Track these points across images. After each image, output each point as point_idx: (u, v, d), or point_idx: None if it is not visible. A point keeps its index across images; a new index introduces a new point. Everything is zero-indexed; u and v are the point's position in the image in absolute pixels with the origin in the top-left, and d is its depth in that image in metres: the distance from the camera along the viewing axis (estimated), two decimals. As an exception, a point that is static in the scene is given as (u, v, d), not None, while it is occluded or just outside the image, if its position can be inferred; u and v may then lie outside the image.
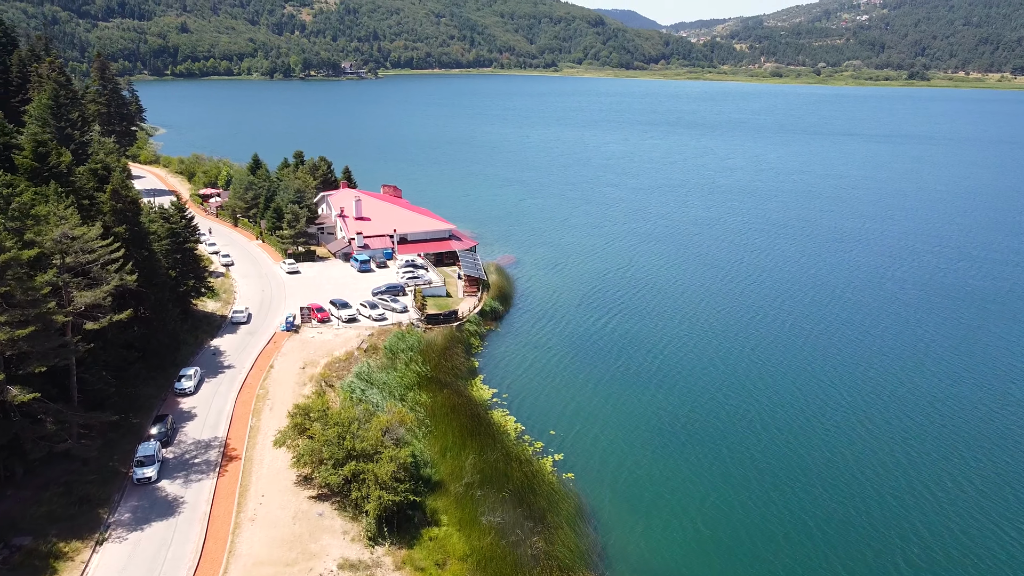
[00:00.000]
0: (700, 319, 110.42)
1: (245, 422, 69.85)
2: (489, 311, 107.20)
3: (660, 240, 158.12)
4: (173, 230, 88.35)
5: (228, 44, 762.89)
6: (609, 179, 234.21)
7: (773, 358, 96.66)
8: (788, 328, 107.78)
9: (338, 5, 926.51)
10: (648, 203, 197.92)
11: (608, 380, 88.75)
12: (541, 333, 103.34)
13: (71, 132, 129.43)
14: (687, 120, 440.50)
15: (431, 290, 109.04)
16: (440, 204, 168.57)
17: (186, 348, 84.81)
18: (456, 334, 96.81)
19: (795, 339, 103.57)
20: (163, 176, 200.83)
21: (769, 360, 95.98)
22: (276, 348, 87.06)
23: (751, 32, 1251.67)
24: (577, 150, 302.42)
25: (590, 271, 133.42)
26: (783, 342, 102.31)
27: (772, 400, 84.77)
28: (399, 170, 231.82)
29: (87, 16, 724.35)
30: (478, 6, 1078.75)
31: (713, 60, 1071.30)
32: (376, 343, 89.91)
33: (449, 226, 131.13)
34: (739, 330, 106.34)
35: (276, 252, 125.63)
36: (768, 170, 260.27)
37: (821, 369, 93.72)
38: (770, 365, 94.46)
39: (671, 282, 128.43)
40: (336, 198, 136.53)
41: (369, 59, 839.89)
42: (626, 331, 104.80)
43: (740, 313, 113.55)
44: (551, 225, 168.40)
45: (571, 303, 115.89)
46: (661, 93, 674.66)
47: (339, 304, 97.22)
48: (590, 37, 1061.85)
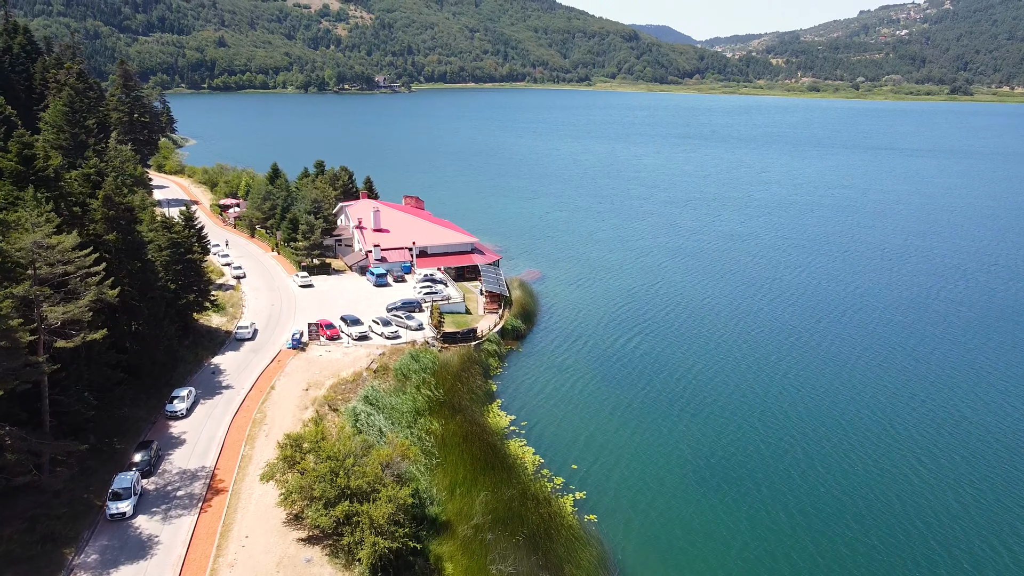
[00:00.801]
0: (735, 342, 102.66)
1: (237, 450, 63.94)
2: (510, 330, 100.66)
3: (692, 255, 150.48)
4: (174, 240, 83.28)
5: (264, 58, 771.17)
6: (639, 192, 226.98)
7: (817, 387, 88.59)
8: (832, 354, 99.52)
9: (373, 20, 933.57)
10: (680, 217, 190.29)
11: (636, 409, 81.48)
12: (565, 354, 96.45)
13: (85, 139, 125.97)
14: (721, 133, 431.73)
15: (449, 306, 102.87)
16: (463, 216, 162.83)
17: (184, 366, 79.45)
18: (474, 354, 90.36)
19: (840, 366, 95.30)
20: (186, 186, 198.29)
21: (813, 389, 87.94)
22: (280, 367, 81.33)
23: (787, 47, 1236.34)
24: (607, 163, 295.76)
25: (618, 288, 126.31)
26: (827, 369, 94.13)
27: (817, 435, 76.82)
28: (423, 181, 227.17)
29: (128, 31, 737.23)
30: (512, 21, 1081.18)
31: (749, 75, 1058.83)
32: (387, 363, 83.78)
33: (471, 239, 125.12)
34: (778, 355, 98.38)
35: (291, 264, 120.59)
36: (806, 184, 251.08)
37: (871, 401, 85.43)
38: (814, 395, 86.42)
39: (704, 301, 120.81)
40: (354, 209, 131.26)
41: (403, 73, 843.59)
42: (656, 354, 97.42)
43: (778, 336, 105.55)
44: (578, 239, 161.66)
45: (598, 322, 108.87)
46: (695, 107, 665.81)
47: (350, 320, 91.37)
48: (624, 52, 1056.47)
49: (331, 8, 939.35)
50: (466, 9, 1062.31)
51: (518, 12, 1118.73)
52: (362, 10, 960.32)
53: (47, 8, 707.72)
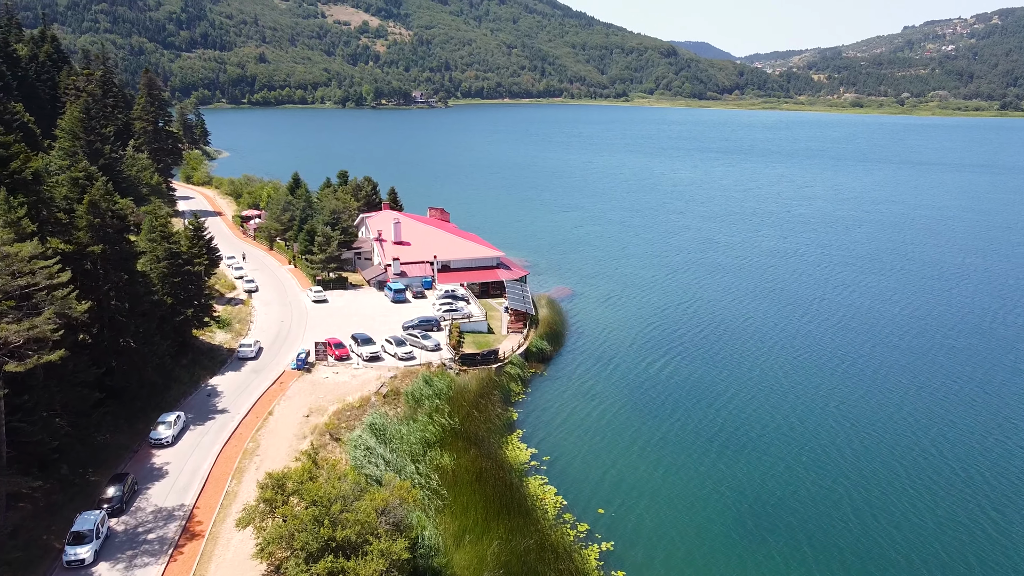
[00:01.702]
0: (779, 368, 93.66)
1: (222, 485, 57.18)
2: (535, 351, 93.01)
3: (731, 272, 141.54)
4: (173, 250, 77.43)
5: (303, 74, 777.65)
6: (675, 206, 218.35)
7: (874, 422, 79.32)
8: (889, 384, 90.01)
9: (412, 37, 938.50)
10: (717, 232, 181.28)
11: (672, 444, 73.13)
12: (594, 380, 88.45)
13: (101, 146, 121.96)
14: (761, 148, 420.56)
15: (470, 325, 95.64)
16: (491, 229, 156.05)
17: (178, 387, 73.22)
18: (494, 378, 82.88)
19: (900, 399, 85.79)
20: (212, 197, 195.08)
21: (869, 424, 78.70)
22: (281, 390, 74.71)
23: (829, 63, 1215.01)
24: (643, 176, 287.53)
25: (653, 306, 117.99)
26: (884, 401, 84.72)
27: (877, 477, 67.72)
28: (452, 193, 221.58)
29: (171, 47, 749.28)
30: (550, 37, 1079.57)
31: (790, 90, 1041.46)
32: (399, 387, 76.70)
33: (497, 253, 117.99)
34: (827, 384, 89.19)
35: (307, 278, 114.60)
36: (851, 199, 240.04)
37: (938, 440, 75.90)
38: (871, 431, 77.19)
39: (744, 322, 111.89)
40: (375, 220, 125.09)
41: (440, 88, 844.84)
42: (694, 381, 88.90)
43: (827, 362, 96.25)
44: (611, 254, 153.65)
45: (631, 344, 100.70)
46: (734, 122, 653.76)
47: (361, 339, 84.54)
48: (662, 67, 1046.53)
49: (370, 25, 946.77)
50: (504, 26, 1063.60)
51: (556, 28, 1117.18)
52: (401, 27, 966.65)
53: (95, 25, 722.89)
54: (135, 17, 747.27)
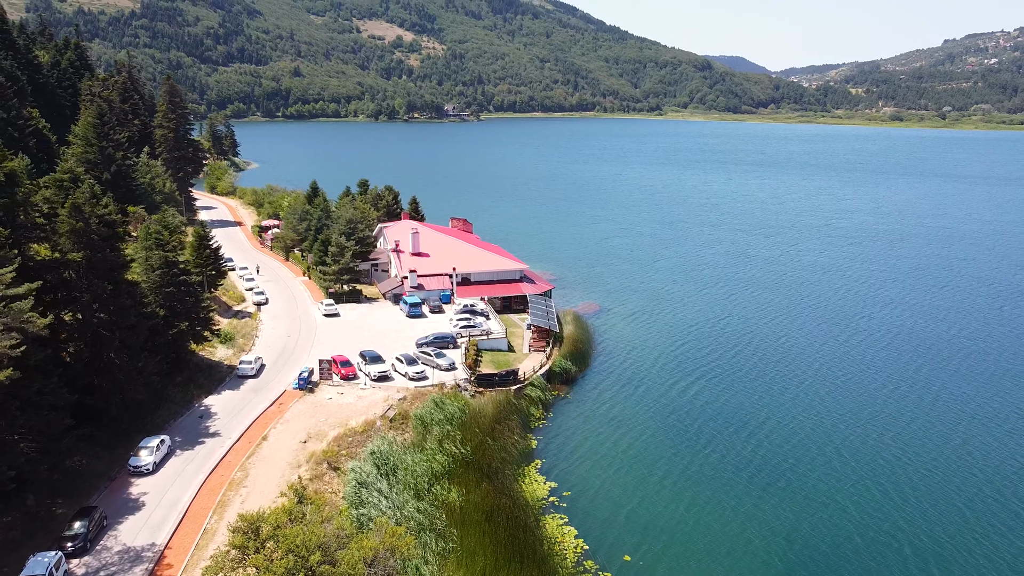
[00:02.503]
0: (827, 394, 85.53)
1: (200, 521, 51.17)
2: (559, 372, 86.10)
3: (767, 288, 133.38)
4: (168, 259, 72.15)
5: (337, 87, 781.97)
6: (708, 219, 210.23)
7: (929, 456, 70.97)
8: (952, 414, 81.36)
9: (445, 51, 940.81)
10: (753, 245, 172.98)
11: (708, 480, 65.61)
12: (622, 405, 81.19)
13: (113, 153, 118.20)
14: (798, 160, 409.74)
15: (489, 342, 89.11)
16: (515, 241, 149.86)
17: (168, 408, 67.65)
18: (512, 401, 76.14)
19: (965, 431, 77.16)
20: (234, 207, 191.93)
21: (923, 458, 70.38)
22: (279, 412, 68.79)
23: (867, 76, 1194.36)
24: (674, 188, 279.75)
25: (686, 324, 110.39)
26: (948, 434, 76.20)
27: (929, 521, 59.57)
28: (476, 204, 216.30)
29: (208, 61, 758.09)
30: (583, 51, 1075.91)
31: (827, 104, 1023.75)
32: (408, 410, 70.34)
33: (521, 266, 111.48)
34: (875, 412, 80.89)
35: (320, 290, 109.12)
36: (894, 212, 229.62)
37: (1012, 477, 67.38)
38: (925, 465, 68.88)
39: (785, 342, 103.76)
40: (392, 230, 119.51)
41: (472, 102, 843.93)
42: (732, 408, 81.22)
43: (874, 387, 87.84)
44: (641, 268, 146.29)
45: (662, 365, 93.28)
46: (769, 135, 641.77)
47: (369, 357, 78.42)
48: (696, 81, 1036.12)
49: (404, 40, 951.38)
50: (537, 40, 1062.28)
51: (589, 43, 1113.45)
52: (435, 41, 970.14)
53: (134, 40, 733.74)
54: (174, 32, 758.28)
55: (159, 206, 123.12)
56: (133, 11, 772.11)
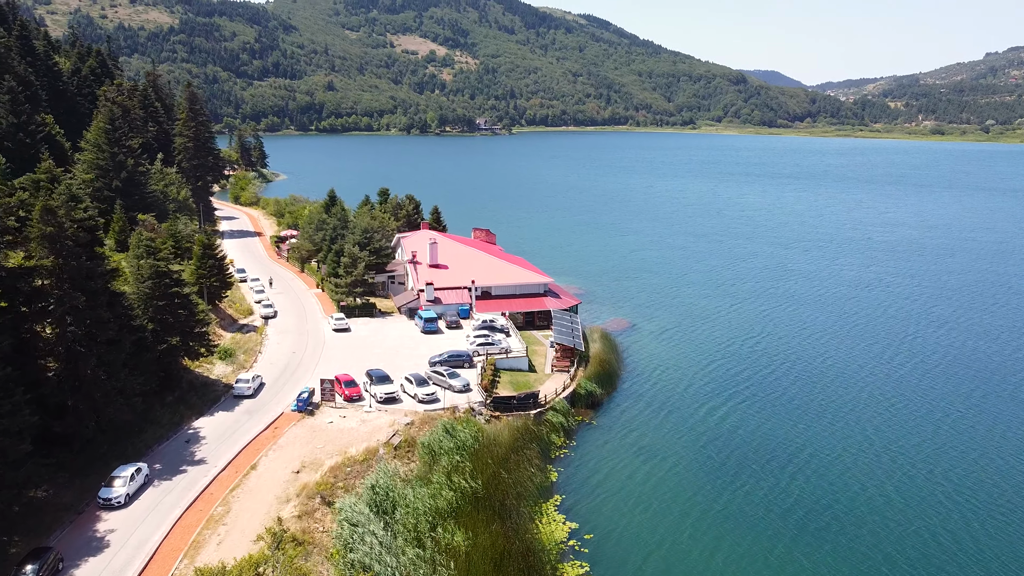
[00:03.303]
0: (872, 422, 77.25)
1: (168, 566, 44.98)
2: (583, 395, 79.02)
3: (808, 305, 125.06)
4: (159, 269, 66.66)
5: (370, 101, 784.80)
6: (743, 231, 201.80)
7: (998, 496, 62.47)
8: (1015, 445, 72.74)
9: (478, 66, 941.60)
10: (791, 260, 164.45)
11: (747, 521, 57.96)
12: (653, 433, 73.79)
13: (124, 159, 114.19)
14: (836, 173, 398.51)
15: (508, 361, 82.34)
16: (540, 254, 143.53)
17: (153, 431, 61.88)
18: (531, 428, 69.25)
19: None
20: (256, 217, 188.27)
21: (993, 500, 61.90)
22: (273, 437, 62.65)
23: (906, 90, 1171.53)
24: (708, 201, 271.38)
25: (721, 343, 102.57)
26: (1008, 470, 67.59)
27: (997, 563, 51.35)
28: (501, 215, 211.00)
29: (244, 75, 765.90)
30: (616, 65, 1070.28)
31: (864, 118, 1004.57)
32: (415, 436, 63.82)
33: (545, 279, 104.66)
34: (935, 442, 72.47)
35: (333, 303, 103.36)
36: (940, 226, 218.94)
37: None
38: (996, 507, 60.44)
39: (827, 363, 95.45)
40: (410, 241, 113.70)
41: (504, 116, 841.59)
42: (773, 437, 73.38)
43: (932, 415, 79.29)
44: (673, 282, 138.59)
45: (696, 388, 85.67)
46: (806, 148, 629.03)
47: (376, 377, 72.08)
48: (731, 95, 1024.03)
49: (438, 54, 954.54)
50: (570, 54, 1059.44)
51: (622, 57, 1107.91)
52: (468, 55, 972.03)
53: (172, 55, 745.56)
54: (211, 47, 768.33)
55: (172, 214, 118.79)
56: (172, 26, 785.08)
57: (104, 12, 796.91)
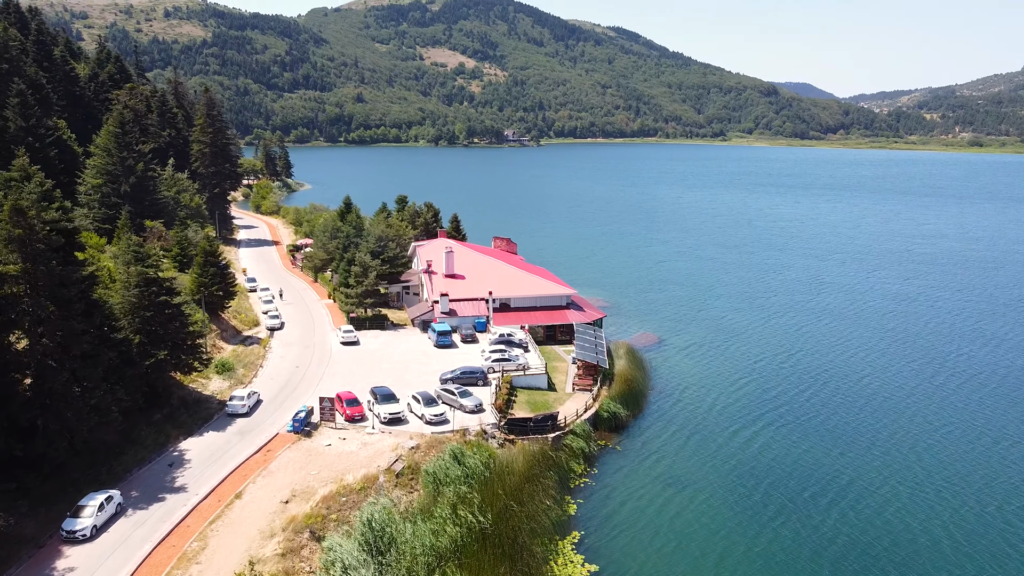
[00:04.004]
0: (927, 450, 69.82)
1: (127, 613, 39.59)
2: (607, 416, 72.64)
3: (847, 319, 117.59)
4: (147, 276, 61.78)
5: (399, 113, 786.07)
6: (776, 242, 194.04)
7: (1097, 541, 54.90)
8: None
9: (507, 78, 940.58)
10: (827, 271, 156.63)
11: (789, 566, 51.17)
12: (683, 460, 67.17)
13: (134, 164, 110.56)
14: (871, 185, 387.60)
15: (526, 379, 76.30)
16: (564, 264, 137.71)
17: (135, 452, 56.84)
18: (549, 453, 63.07)
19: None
20: (276, 226, 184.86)
21: (1091, 545, 54.36)
22: (264, 461, 57.23)
23: (942, 102, 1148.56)
24: (738, 211, 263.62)
25: (756, 360, 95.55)
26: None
27: None
28: (524, 225, 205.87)
29: (275, 88, 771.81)
30: (645, 77, 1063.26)
31: (899, 130, 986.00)
32: (420, 462, 58.01)
33: (568, 291, 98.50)
34: (993, 474, 64.88)
35: (343, 314, 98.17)
36: (984, 238, 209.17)
37: None
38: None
39: (871, 383, 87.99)
40: (426, 249, 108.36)
41: (532, 128, 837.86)
42: (813, 466, 66.36)
43: (994, 445, 71.61)
44: (705, 294, 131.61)
45: (730, 409, 78.86)
46: (839, 160, 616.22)
47: (381, 395, 66.43)
48: (762, 106, 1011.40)
49: (467, 67, 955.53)
50: (599, 66, 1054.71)
51: (652, 69, 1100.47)
52: (496, 68, 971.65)
53: (205, 68, 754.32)
54: (243, 60, 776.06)
55: (178, 221, 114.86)
56: (205, 40, 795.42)
57: (139, 26, 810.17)
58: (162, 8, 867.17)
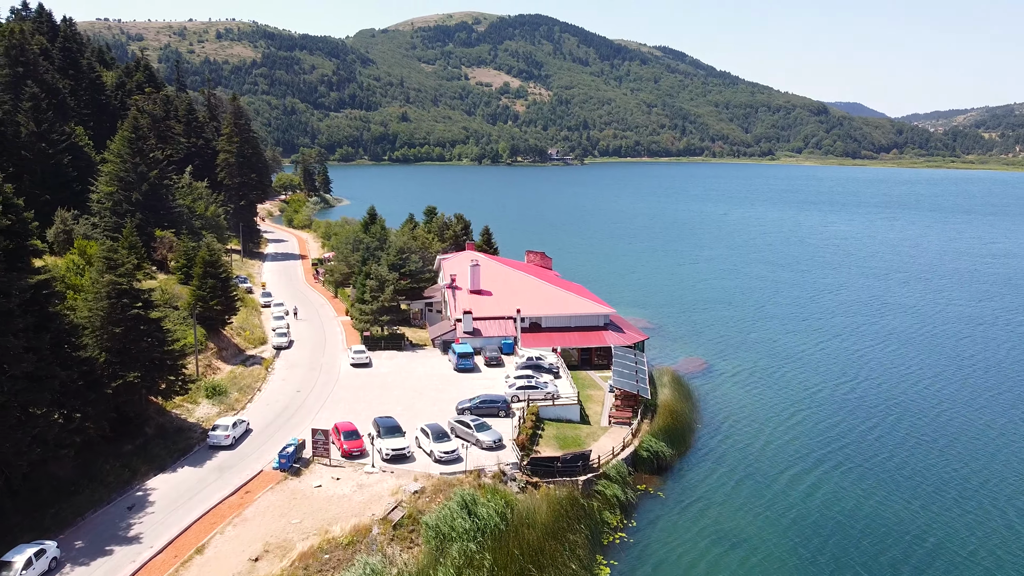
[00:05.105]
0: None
1: None
2: (647, 456, 62.60)
3: (915, 344, 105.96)
4: (118, 287, 54.01)
5: (443, 132, 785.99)
6: (831, 260, 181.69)
7: None
8: None
9: (551, 97, 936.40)
10: (888, 292, 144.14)
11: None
12: (739, 510, 56.68)
13: (145, 170, 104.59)
14: (929, 203, 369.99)
15: (555, 409, 66.71)
16: (602, 281, 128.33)
17: (93, 491, 48.64)
18: (580, 501, 53.29)
19: None
20: (306, 240, 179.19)
21: None
22: (240, 505, 48.62)
23: (1001, 120, 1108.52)
24: (788, 229, 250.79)
25: (816, 389, 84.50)
26: None
27: None
28: (562, 240, 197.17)
29: (321, 107, 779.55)
30: (691, 96, 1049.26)
31: (956, 149, 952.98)
32: (424, 509, 48.82)
33: (606, 310, 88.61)
34: None
35: (358, 333, 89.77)
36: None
37: None
38: None
39: (950, 414, 76.64)
40: (451, 263, 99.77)
41: (576, 146, 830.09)
42: (901, 522, 55.37)
43: None
44: (756, 316, 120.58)
45: (791, 449, 68.10)
46: (893, 179, 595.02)
47: (384, 427, 57.43)
48: (812, 125, 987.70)
49: (511, 86, 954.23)
50: (644, 85, 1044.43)
51: (698, 88, 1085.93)
52: (541, 87, 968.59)
53: (254, 88, 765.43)
54: (291, 80, 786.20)
55: (197, 231, 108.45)
56: (254, 60, 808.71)
57: (192, 47, 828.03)
58: (214, 30, 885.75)
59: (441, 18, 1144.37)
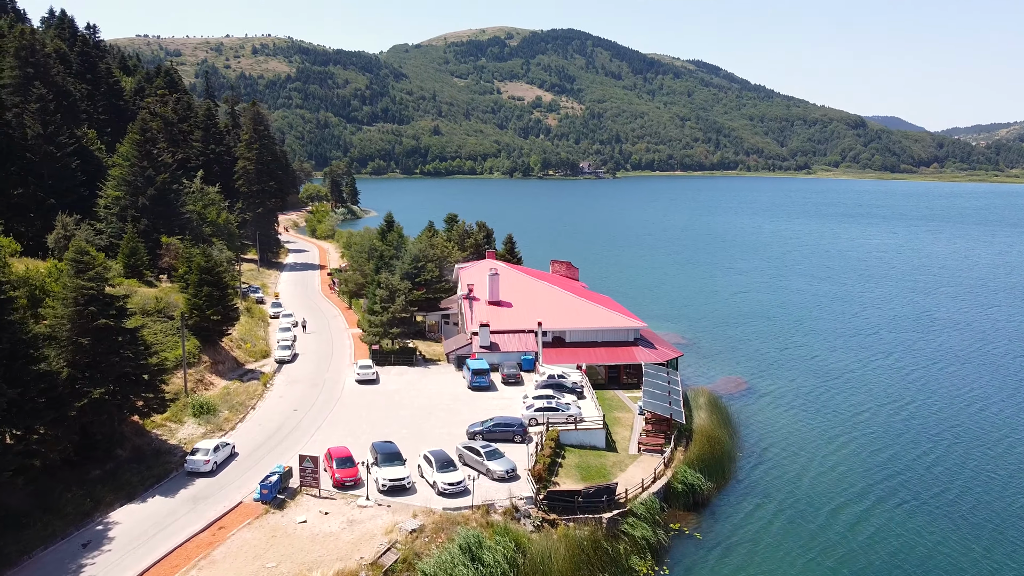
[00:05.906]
0: None
1: None
2: (681, 489, 55.20)
3: (972, 363, 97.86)
4: (87, 293, 48.37)
5: (475, 145, 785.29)
6: (873, 274, 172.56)
7: None
8: None
9: (584, 111, 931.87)
10: (936, 307, 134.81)
11: None
12: (787, 555, 49.03)
13: (153, 174, 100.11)
14: (975, 216, 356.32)
15: (578, 434, 59.63)
16: (632, 294, 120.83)
17: (48, 524, 42.63)
18: (602, 544, 46.19)
19: None
20: (328, 250, 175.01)
21: None
22: (210, 543, 42.34)
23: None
24: (827, 241, 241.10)
25: (865, 410, 76.62)
26: None
27: None
28: (590, 251, 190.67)
29: (354, 121, 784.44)
30: (725, 110, 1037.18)
31: (999, 163, 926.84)
32: (422, 551, 42.14)
33: (636, 323, 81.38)
34: None
35: (367, 346, 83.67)
36: None
37: None
38: None
39: (1010, 437, 67.99)
40: (469, 272, 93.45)
41: (608, 160, 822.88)
42: (962, 568, 47.42)
43: None
44: (797, 331, 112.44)
45: (843, 482, 60.21)
46: (934, 192, 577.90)
47: (383, 454, 50.89)
48: (849, 139, 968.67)
49: (543, 100, 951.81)
50: (678, 99, 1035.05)
51: (732, 101, 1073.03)
52: (573, 101, 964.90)
53: (288, 102, 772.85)
54: (324, 94, 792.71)
55: (206, 238, 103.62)
56: (289, 75, 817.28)
57: (228, 63, 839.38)
58: (250, 46, 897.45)
59: (474, 33, 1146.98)
